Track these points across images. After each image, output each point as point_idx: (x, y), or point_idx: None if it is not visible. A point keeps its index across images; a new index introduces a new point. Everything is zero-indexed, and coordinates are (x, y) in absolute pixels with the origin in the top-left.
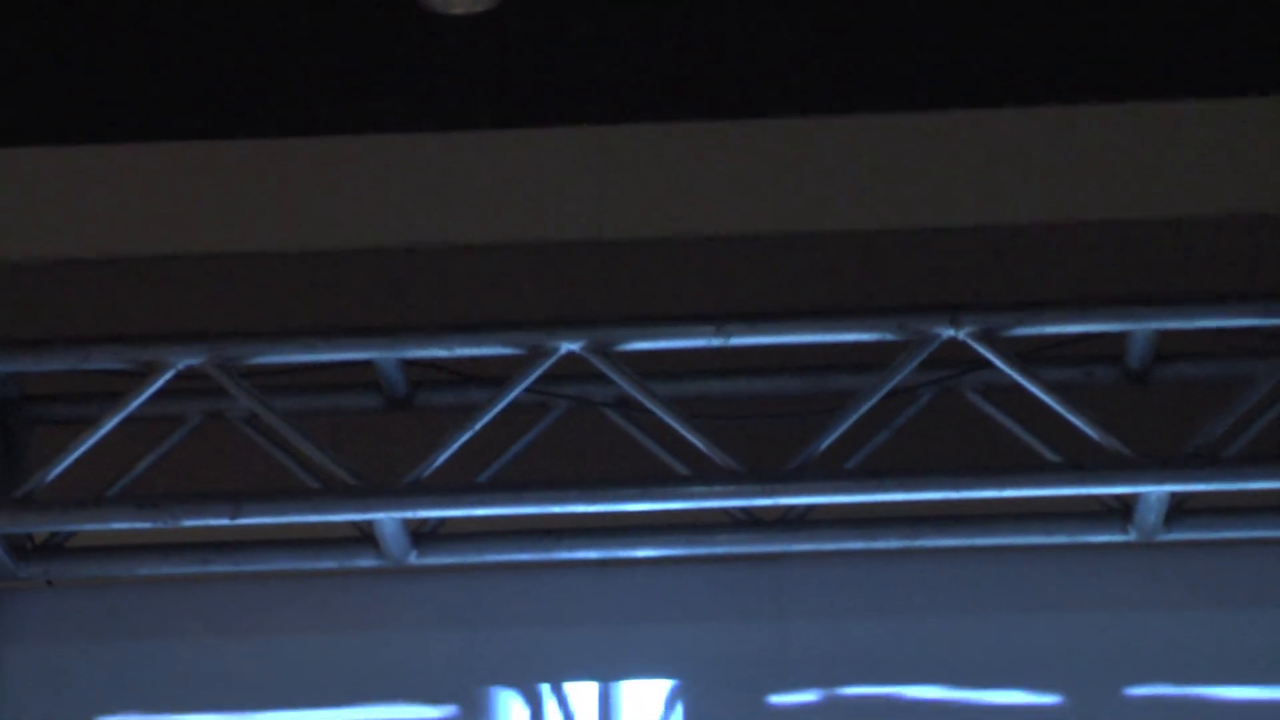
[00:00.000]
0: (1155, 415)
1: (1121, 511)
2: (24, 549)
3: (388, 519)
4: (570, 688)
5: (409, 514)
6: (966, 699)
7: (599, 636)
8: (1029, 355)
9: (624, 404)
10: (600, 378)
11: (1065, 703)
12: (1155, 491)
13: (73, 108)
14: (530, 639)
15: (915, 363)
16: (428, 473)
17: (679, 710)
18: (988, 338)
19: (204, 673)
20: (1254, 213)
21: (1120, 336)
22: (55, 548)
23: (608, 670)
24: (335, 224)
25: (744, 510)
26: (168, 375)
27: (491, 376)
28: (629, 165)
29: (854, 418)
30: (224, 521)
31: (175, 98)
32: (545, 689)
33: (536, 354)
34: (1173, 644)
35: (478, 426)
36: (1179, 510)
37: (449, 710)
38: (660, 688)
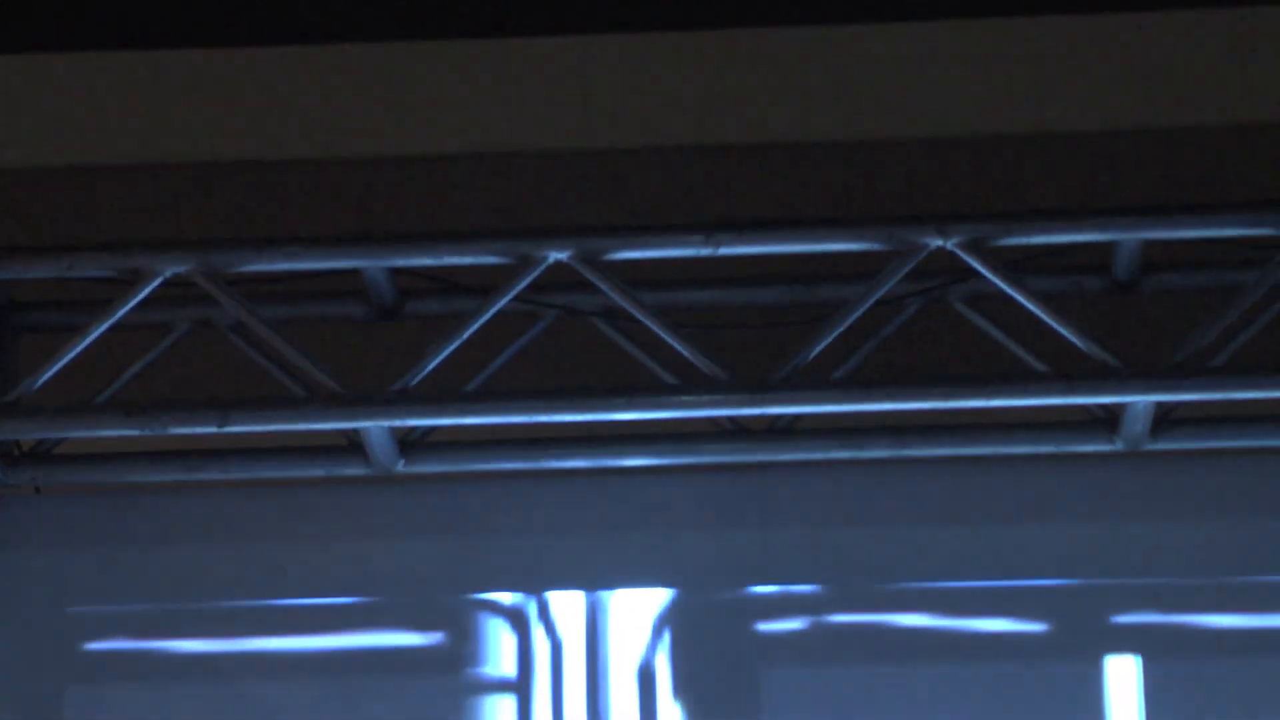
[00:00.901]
0: (1143, 325)
1: (1108, 421)
2: (11, 455)
3: (375, 427)
4: (557, 596)
5: (396, 422)
6: (954, 626)
7: (586, 545)
8: (1017, 265)
9: (612, 313)
10: (588, 287)
11: (1052, 629)
12: (1142, 401)
13: (58, 14)
14: (517, 548)
15: (903, 273)
16: (415, 381)
17: (665, 618)
18: (975, 247)
19: (191, 580)
20: (1243, 123)
21: (1108, 246)
22: (43, 454)
23: (594, 579)
24: (323, 133)
25: (731, 420)
26: (155, 283)
27: (479, 286)
28: (617, 74)
29: (841, 328)
30: (212, 429)
31: (164, 4)
32: (532, 598)
33: (524, 263)
34: (1160, 555)
35: (465, 335)
36: (1166, 420)
37: (434, 635)
38: (647, 596)
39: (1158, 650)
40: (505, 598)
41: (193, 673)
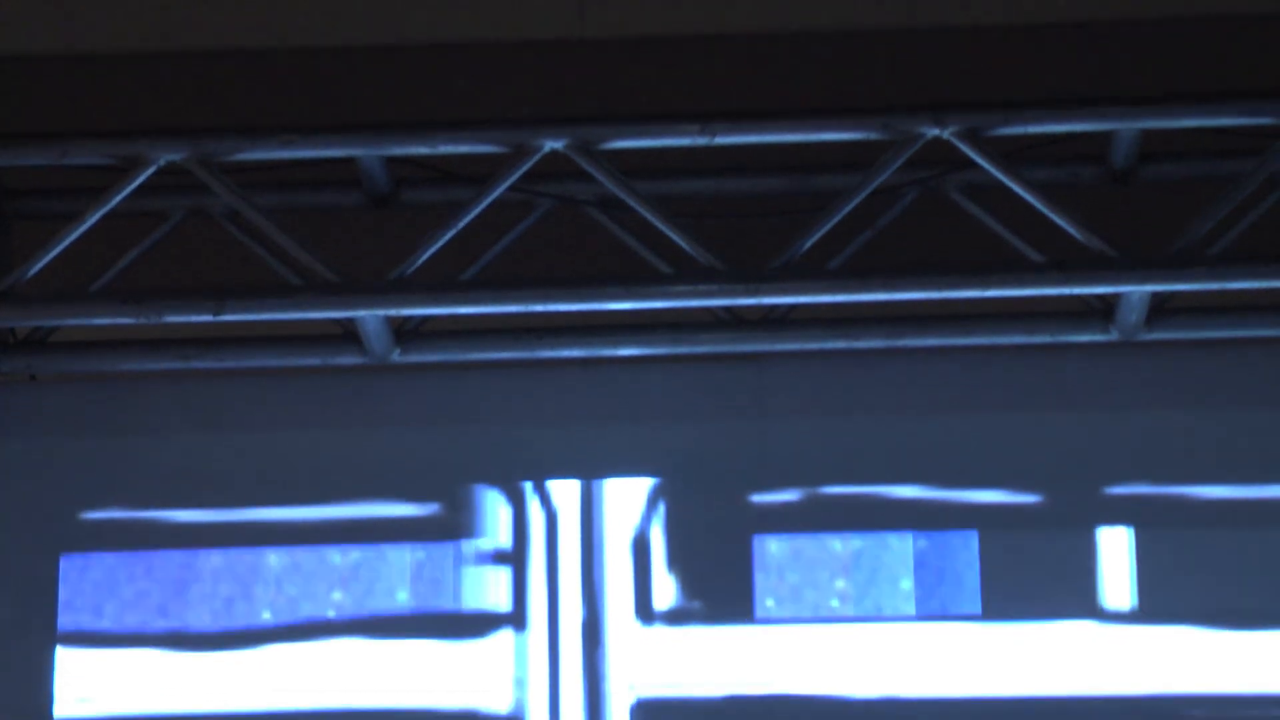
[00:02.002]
0: (1139, 215)
1: (1103, 311)
2: (6, 343)
3: (371, 316)
4: (553, 485)
5: (392, 311)
6: (947, 497)
7: (582, 434)
8: (1013, 155)
9: (608, 203)
10: (584, 176)
11: (1045, 501)
12: (1137, 291)
13: None
14: (513, 437)
15: (899, 162)
16: (411, 270)
17: (660, 508)
18: (972, 137)
19: (186, 468)
20: (1241, 12)
21: (1104, 136)
22: (38, 343)
23: (590, 468)
24: (319, 20)
25: (727, 309)
26: (149, 171)
27: (475, 174)
28: None
29: (838, 217)
30: (207, 318)
31: None
32: (528, 486)
33: (520, 152)
34: (1153, 443)
35: (461, 224)
36: (1161, 310)
37: (431, 507)
38: (642, 485)
39: (1149, 521)
40: (501, 486)
41: (187, 543)
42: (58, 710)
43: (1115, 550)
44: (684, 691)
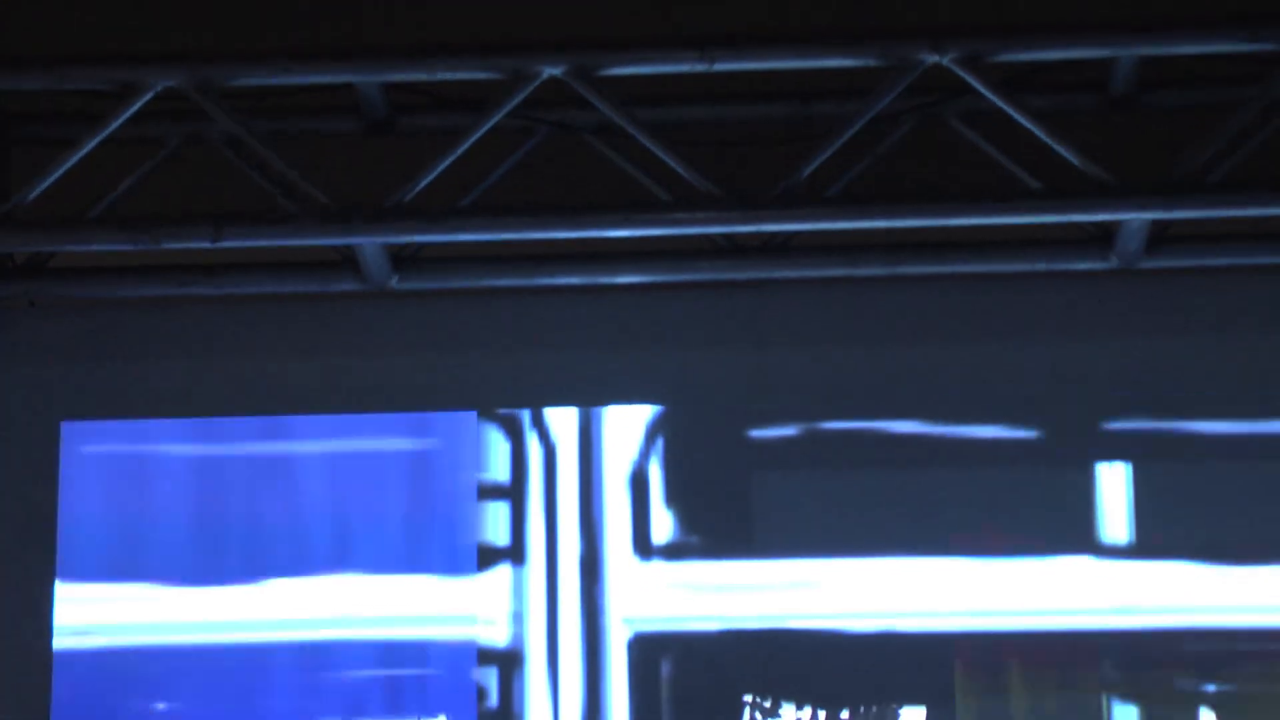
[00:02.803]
0: (1138, 142)
1: (1103, 239)
2: (5, 269)
3: (369, 243)
4: (551, 413)
5: (390, 238)
6: (945, 432)
7: (580, 362)
8: (1012, 81)
9: (606, 130)
10: (583, 103)
11: (1043, 437)
12: (1137, 218)
13: None
14: (511, 364)
15: (899, 89)
16: (409, 197)
17: (658, 436)
18: (971, 63)
19: (185, 394)
20: None
21: (1104, 62)
22: (37, 268)
23: (588, 396)
24: None
25: (726, 236)
26: (147, 96)
27: (473, 101)
28: None
29: (837, 144)
30: (205, 244)
31: None
32: (526, 419)
33: (518, 78)
34: (1152, 372)
35: (459, 151)
36: (1160, 237)
37: (429, 441)
38: (640, 413)
39: (1147, 456)
40: (498, 413)
41: (186, 476)
42: (57, 643)
43: (1113, 485)
44: (681, 626)
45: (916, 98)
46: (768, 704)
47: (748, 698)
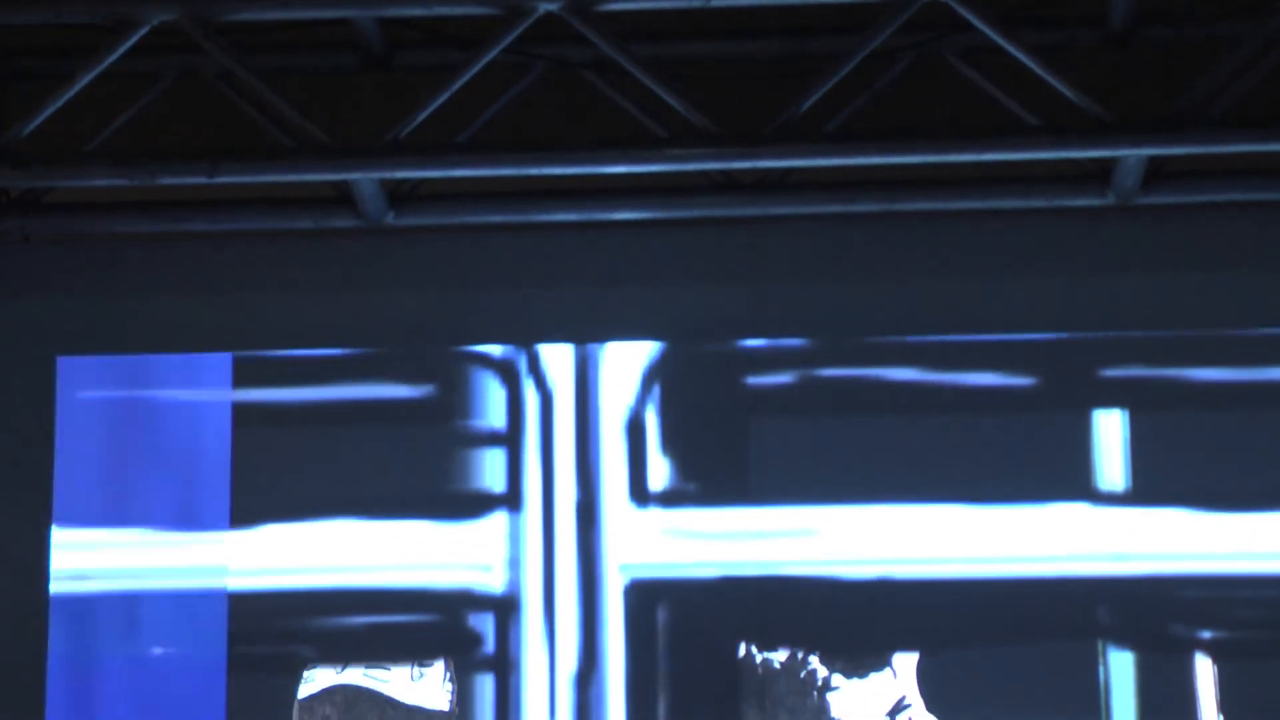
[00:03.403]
0: (1136, 78)
1: (1100, 175)
2: (1, 204)
3: (365, 179)
4: (547, 351)
5: (386, 174)
6: (941, 380)
7: (576, 299)
8: (1010, 17)
9: (603, 66)
10: (579, 39)
11: (1040, 383)
12: (1133, 155)
13: None
14: (508, 301)
15: (895, 25)
16: (405, 133)
17: (655, 382)
18: None
19: (180, 331)
20: None
21: None
22: (32, 203)
23: (585, 332)
24: None
25: (722, 173)
26: (142, 30)
27: (470, 37)
28: None
29: (834, 80)
30: (201, 180)
31: None
32: (523, 359)
33: (515, 14)
34: (1149, 312)
35: (455, 87)
36: (1157, 174)
37: (425, 388)
38: (637, 350)
39: (1144, 404)
40: (495, 350)
41: (180, 424)
42: (53, 588)
43: (1109, 432)
44: (678, 573)
45: (914, 34)
46: (763, 650)
47: (743, 644)
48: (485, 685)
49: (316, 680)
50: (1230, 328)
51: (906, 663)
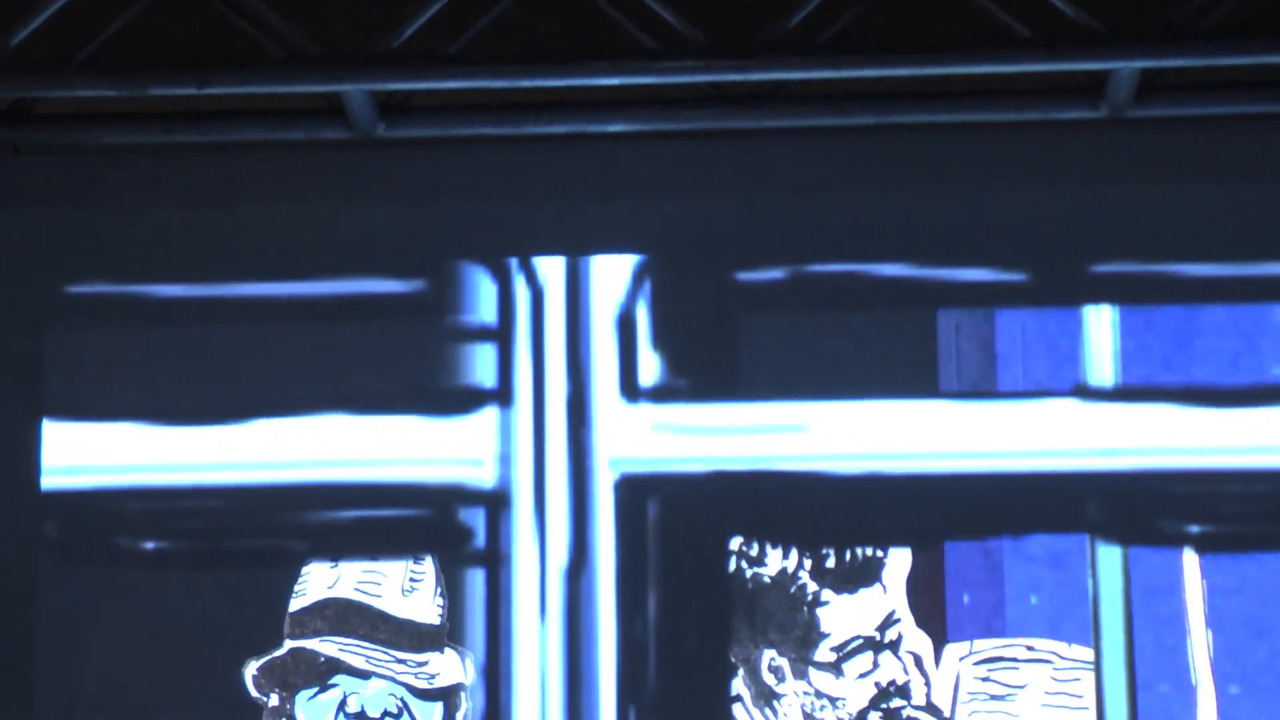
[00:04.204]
0: None
1: (1092, 87)
2: None
3: (355, 90)
4: (539, 262)
5: (377, 85)
6: (933, 275)
7: (568, 211)
8: None
9: None
10: None
11: (1031, 279)
12: (1126, 67)
13: None
14: (499, 213)
15: None
16: (397, 44)
17: (646, 285)
18: None
19: (169, 243)
20: None
21: None
22: (22, 113)
23: (576, 244)
24: None
25: (714, 85)
26: None
27: None
28: None
29: None
30: (190, 91)
31: None
32: (514, 263)
33: None
34: (1140, 220)
35: None
36: (1150, 86)
37: (416, 284)
38: (628, 263)
39: (1134, 299)
40: (486, 262)
41: (173, 317)
42: (44, 482)
43: (1099, 328)
44: (668, 468)
45: None
46: (754, 546)
47: (734, 539)
48: (476, 580)
49: (308, 594)
50: (1222, 232)
51: (899, 558)
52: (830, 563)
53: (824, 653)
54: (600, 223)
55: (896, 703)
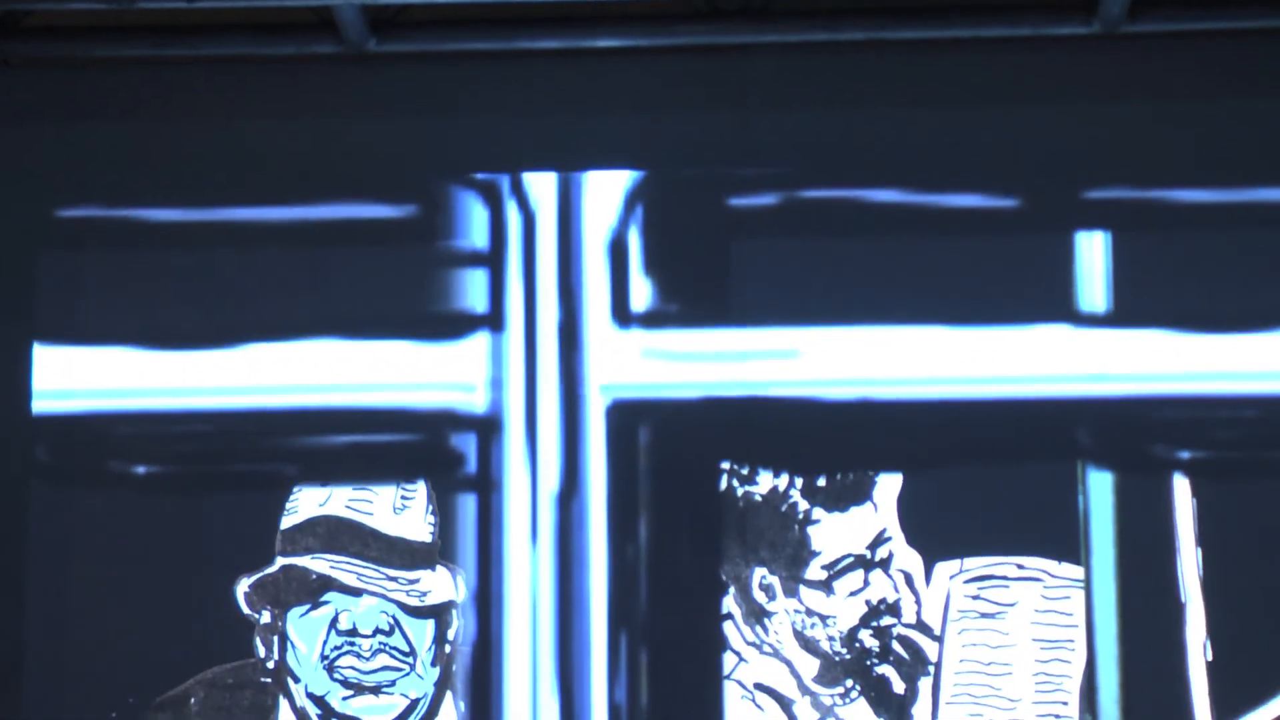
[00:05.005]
0: None
1: (1086, 4)
2: None
3: (346, 4)
4: (531, 178)
5: None
6: (925, 201)
7: (560, 126)
8: None
9: None
10: None
11: (1023, 205)
12: None
13: None
14: (491, 128)
15: None
16: None
17: (638, 210)
18: None
19: (159, 157)
20: None
21: None
22: (10, 26)
23: (568, 160)
24: None
25: (706, 0)
26: None
27: None
28: None
29: None
30: (181, 4)
31: None
32: (505, 185)
33: None
34: (1133, 139)
35: None
36: (1143, 1)
37: (408, 208)
38: (621, 178)
39: (1126, 224)
40: (478, 177)
41: (165, 241)
42: (36, 406)
43: (1092, 254)
44: (659, 393)
45: None
46: (745, 470)
47: (725, 464)
48: (467, 504)
49: (299, 512)
50: (1214, 155)
51: (889, 483)
52: (821, 482)
53: (815, 571)
54: (593, 138)
55: (887, 620)
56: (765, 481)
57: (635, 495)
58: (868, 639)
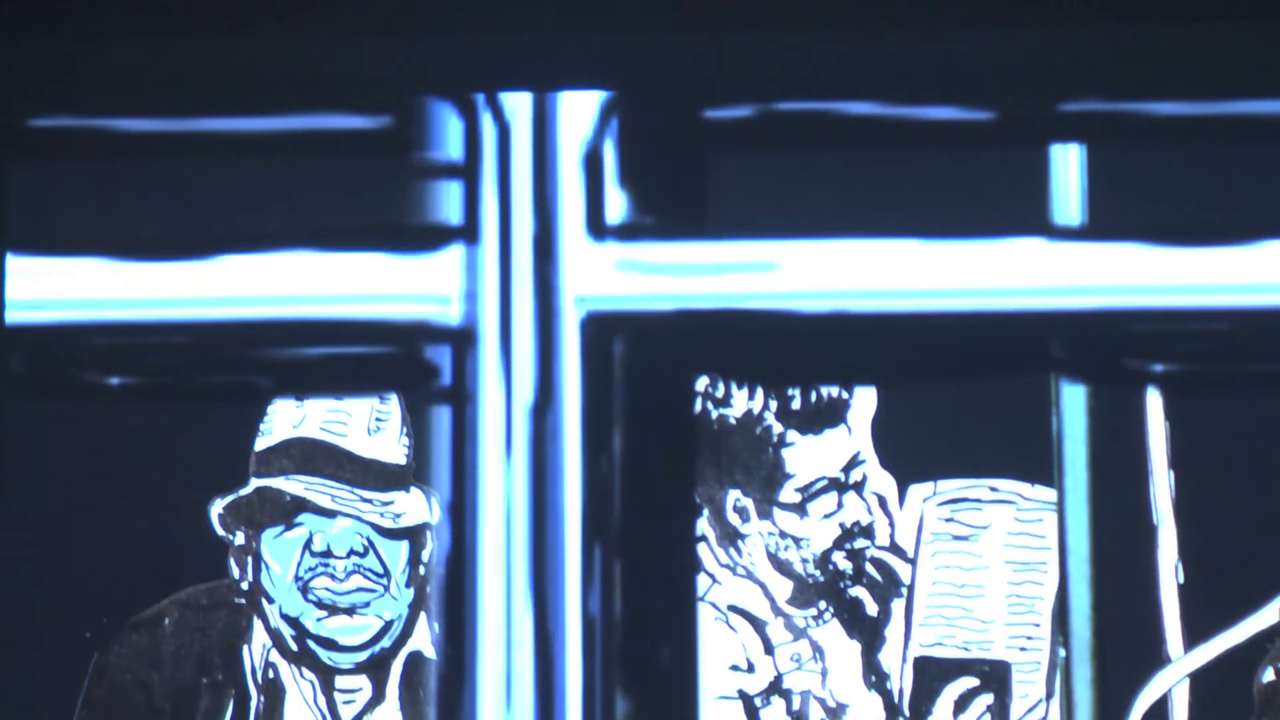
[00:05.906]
0: None
1: None
2: None
3: None
4: (505, 97)
5: None
6: (901, 114)
7: (534, 45)
8: None
9: None
10: None
11: (997, 118)
12: None
13: None
14: (464, 47)
15: None
16: None
17: (612, 121)
18: None
19: (133, 73)
20: None
21: None
22: None
23: (542, 80)
24: None
25: None
26: None
27: None
28: None
29: None
30: None
31: None
32: (480, 99)
33: None
34: (1109, 55)
35: None
36: None
37: (382, 119)
38: (594, 98)
39: (1102, 137)
40: (451, 97)
41: (138, 150)
42: (8, 317)
43: (1066, 166)
44: (634, 306)
45: None
46: (720, 387)
47: (701, 378)
48: (441, 418)
49: (274, 433)
50: (1190, 68)
51: (864, 397)
52: (796, 404)
53: (789, 493)
54: (566, 58)
55: (860, 543)
56: (739, 404)
57: (610, 408)
58: (841, 561)
